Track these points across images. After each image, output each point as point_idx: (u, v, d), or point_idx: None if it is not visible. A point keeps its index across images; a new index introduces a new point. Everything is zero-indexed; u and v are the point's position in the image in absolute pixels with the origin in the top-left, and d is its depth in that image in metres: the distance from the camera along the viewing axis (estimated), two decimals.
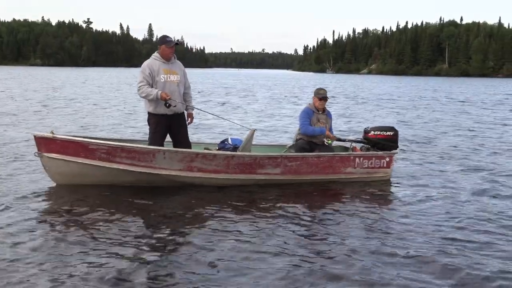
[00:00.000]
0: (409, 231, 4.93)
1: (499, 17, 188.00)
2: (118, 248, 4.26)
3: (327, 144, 7.20)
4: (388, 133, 7.25)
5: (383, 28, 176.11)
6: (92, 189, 6.03)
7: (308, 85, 48.33)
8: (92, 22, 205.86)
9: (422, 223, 5.18)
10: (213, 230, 4.78)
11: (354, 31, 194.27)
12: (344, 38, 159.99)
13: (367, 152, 7.12)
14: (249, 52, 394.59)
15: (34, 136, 6.01)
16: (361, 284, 3.71)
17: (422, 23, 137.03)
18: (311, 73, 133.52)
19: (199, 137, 10.50)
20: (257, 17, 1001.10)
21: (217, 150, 6.78)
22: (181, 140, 6.49)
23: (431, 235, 4.81)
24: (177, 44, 6.38)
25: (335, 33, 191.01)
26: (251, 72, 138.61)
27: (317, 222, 5.20)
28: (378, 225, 5.11)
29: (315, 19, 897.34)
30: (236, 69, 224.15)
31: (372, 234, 4.81)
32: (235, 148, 6.81)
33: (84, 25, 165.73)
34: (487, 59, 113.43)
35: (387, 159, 7.09)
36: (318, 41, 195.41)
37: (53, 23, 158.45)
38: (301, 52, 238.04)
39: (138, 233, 4.65)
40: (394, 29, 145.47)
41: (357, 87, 45.77)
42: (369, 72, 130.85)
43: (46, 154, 5.93)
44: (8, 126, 11.75)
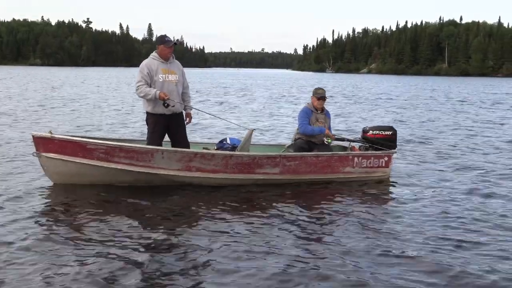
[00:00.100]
0: (407, 231, 4.93)
1: (499, 17, 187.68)
2: (113, 248, 4.25)
3: (327, 143, 7.20)
4: (387, 132, 7.25)
5: (383, 27, 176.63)
6: (90, 189, 6.02)
7: (306, 84, 48.32)
8: (91, 22, 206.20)
9: (420, 223, 5.17)
10: (211, 230, 4.77)
11: (353, 30, 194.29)
12: (343, 37, 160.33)
13: (366, 152, 7.12)
14: (248, 51, 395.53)
15: (33, 136, 6.00)
16: (356, 284, 3.70)
17: (421, 22, 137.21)
18: (311, 73, 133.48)
19: (198, 137, 10.49)
20: (256, 17, 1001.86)
21: (216, 149, 6.78)
22: (179, 140, 6.49)
23: (430, 235, 4.80)
24: (175, 44, 6.38)
25: (334, 32, 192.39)
26: (250, 72, 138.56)
27: (315, 221, 5.20)
28: (377, 225, 5.10)
29: (314, 19, 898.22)
30: (236, 69, 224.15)
31: (370, 234, 4.81)
32: (233, 147, 6.80)
33: (83, 25, 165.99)
34: (487, 59, 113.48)
35: (386, 158, 7.09)
36: (317, 40, 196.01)
37: (53, 23, 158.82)
38: (300, 52, 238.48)
39: (134, 233, 4.64)
40: (393, 28, 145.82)
41: (355, 86, 45.77)
42: (369, 72, 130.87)
43: (44, 154, 5.92)
44: (6, 126, 11.74)
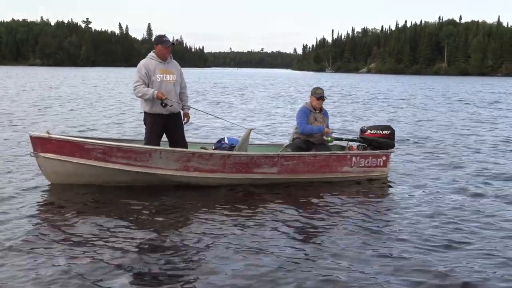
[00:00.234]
0: (404, 231, 4.92)
1: (498, 16, 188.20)
2: (105, 248, 4.23)
3: (326, 140, 7.20)
4: (385, 132, 7.24)
5: (382, 27, 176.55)
6: (87, 188, 6.01)
7: (305, 84, 48.26)
8: (91, 22, 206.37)
9: (418, 224, 5.17)
10: (207, 231, 4.77)
11: (353, 30, 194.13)
12: (343, 37, 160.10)
13: (364, 151, 7.12)
14: (248, 51, 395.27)
15: (30, 136, 5.99)
16: (351, 284, 3.69)
17: (421, 22, 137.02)
18: (311, 72, 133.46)
19: (196, 136, 10.48)
20: (256, 17, 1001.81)
21: (214, 149, 6.78)
22: (177, 139, 6.48)
23: (427, 236, 4.79)
24: (173, 44, 6.38)
25: (334, 32, 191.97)
26: (249, 72, 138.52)
27: (313, 221, 5.19)
28: (374, 225, 5.10)
29: (314, 18, 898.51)
30: (235, 69, 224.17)
31: (367, 234, 4.80)
32: (231, 147, 6.80)
33: (83, 25, 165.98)
34: (486, 58, 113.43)
35: (384, 158, 7.09)
36: (317, 40, 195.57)
37: (52, 23, 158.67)
38: (300, 51, 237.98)
39: (128, 233, 4.62)
40: (393, 28, 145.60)
41: (354, 86, 45.72)
42: (368, 71, 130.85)
43: (41, 154, 5.91)
44: (3, 126, 11.70)
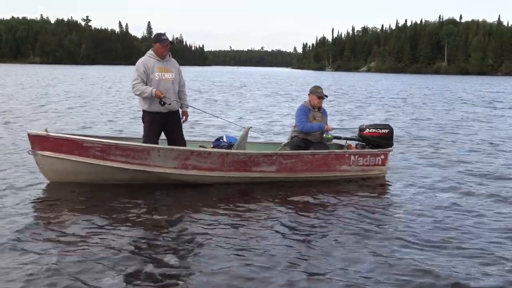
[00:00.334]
0: (401, 230, 4.92)
1: (498, 15, 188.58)
2: (97, 247, 4.22)
3: (327, 138, 7.20)
4: (383, 130, 7.24)
5: (382, 26, 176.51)
6: (84, 187, 6.01)
7: (304, 82, 48.20)
8: (91, 20, 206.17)
9: (414, 222, 5.17)
10: (203, 229, 4.77)
11: (353, 29, 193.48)
12: (343, 36, 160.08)
13: (362, 150, 7.12)
14: (248, 50, 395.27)
15: (28, 134, 5.98)
16: (344, 283, 3.70)
17: (421, 21, 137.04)
18: (310, 71, 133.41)
19: (194, 135, 10.47)
20: (256, 15, 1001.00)
21: (212, 148, 6.78)
22: (175, 138, 6.48)
23: (423, 234, 4.79)
24: (171, 43, 6.37)
25: (334, 31, 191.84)
26: (249, 70, 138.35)
27: (309, 220, 5.19)
28: (370, 224, 5.10)
29: (314, 17, 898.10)
30: (235, 67, 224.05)
31: (363, 233, 4.80)
32: (230, 145, 6.80)
33: (83, 23, 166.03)
34: (486, 57, 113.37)
35: (382, 156, 7.09)
36: (317, 39, 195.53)
37: (52, 21, 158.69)
38: (300, 50, 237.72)
39: (123, 231, 4.62)
40: (393, 27, 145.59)
41: (353, 85, 45.68)
42: (368, 70, 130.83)
43: (40, 152, 5.91)
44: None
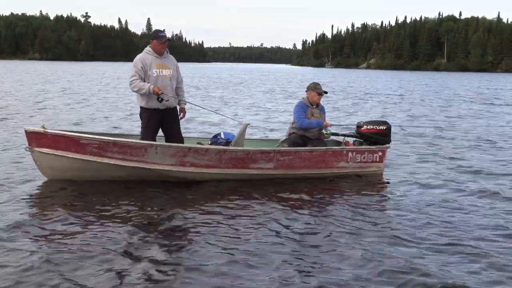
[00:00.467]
0: (396, 227, 4.93)
1: (498, 12, 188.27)
2: (89, 246, 4.20)
3: (326, 134, 7.20)
4: (381, 127, 7.23)
5: (382, 22, 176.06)
6: (83, 184, 6.01)
7: (304, 79, 48.11)
8: (90, 16, 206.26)
9: (412, 219, 5.18)
10: (205, 226, 4.77)
11: (353, 25, 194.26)
12: (343, 32, 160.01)
13: (360, 147, 7.12)
14: (247, 46, 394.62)
15: (25, 131, 5.97)
16: (339, 281, 3.70)
17: (421, 18, 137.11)
18: (310, 68, 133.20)
19: (192, 131, 10.46)
20: (255, 12, 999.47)
21: (210, 144, 6.78)
22: (173, 134, 6.48)
23: (418, 232, 4.79)
24: (169, 40, 6.36)
25: (333, 27, 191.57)
26: (248, 67, 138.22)
27: (308, 216, 5.20)
28: (369, 220, 5.11)
29: (314, 14, 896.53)
30: (235, 64, 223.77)
31: (359, 230, 4.80)
32: (227, 142, 6.80)
33: (82, 19, 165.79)
34: (486, 54, 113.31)
35: (380, 153, 7.08)
36: (316, 35, 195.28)
37: (51, 17, 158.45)
38: (299, 47, 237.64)
39: (118, 228, 4.60)
40: (393, 23, 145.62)
41: (352, 82, 45.64)
42: (368, 67, 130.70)
43: (37, 149, 5.90)
44: None
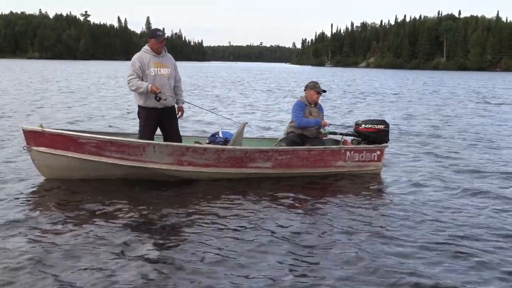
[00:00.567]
0: (399, 225, 4.94)
1: (497, 11, 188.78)
2: (83, 244, 4.22)
3: (324, 133, 7.19)
4: (379, 126, 7.23)
5: (381, 21, 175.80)
6: (81, 182, 6.01)
7: (303, 78, 48.12)
8: (89, 15, 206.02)
9: (410, 217, 5.18)
10: (204, 225, 4.78)
11: (352, 24, 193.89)
12: (342, 31, 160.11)
13: (358, 146, 7.11)
14: (247, 45, 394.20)
15: (23, 130, 5.96)
16: (336, 281, 3.71)
17: (420, 16, 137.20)
18: (309, 67, 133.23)
19: (190, 130, 10.44)
20: (255, 11, 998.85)
21: (208, 143, 6.77)
22: (171, 133, 6.48)
23: (419, 230, 4.81)
24: (167, 39, 6.35)
25: (333, 26, 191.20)
26: (247, 66, 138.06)
27: (304, 216, 5.20)
28: (364, 220, 5.11)
29: (313, 13, 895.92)
30: (234, 63, 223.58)
31: (357, 230, 4.80)
32: (225, 141, 6.80)
33: (81, 18, 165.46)
34: (485, 53, 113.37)
35: (378, 152, 7.08)
36: (316, 34, 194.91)
37: (51, 16, 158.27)
38: (299, 46, 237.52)
39: (112, 227, 4.61)
40: (392, 22, 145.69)
41: (352, 80, 45.65)
42: (367, 66, 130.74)
43: (35, 148, 5.90)
44: None
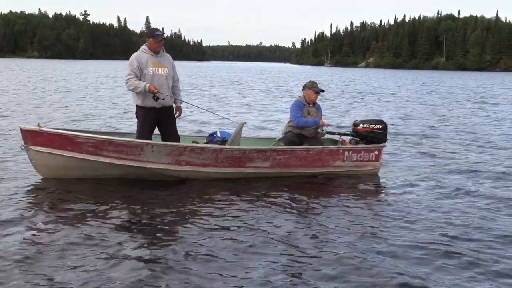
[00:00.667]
0: (395, 225, 4.94)
1: (497, 11, 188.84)
2: (98, 244, 4.23)
3: (321, 133, 7.19)
4: (377, 126, 7.23)
5: (381, 21, 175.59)
6: (78, 182, 6.00)
7: (301, 78, 48.07)
8: (89, 15, 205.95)
9: (408, 217, 5.18)
10: (200, 225, 4.77)
11: (351, 24, 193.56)
12: (341, 31, 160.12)
13: (356, 146, 7.11)
14: (246, 45, 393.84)
15: (21, 129, 5.95)
16: (328, 281, 3.70)
17: (419, 16, 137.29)
18: (309, 67, 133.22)
19: (188, 130, 10.44)
20: (254, 10, 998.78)
21: (206, 143, 6.77)
22: (169, 133, 6.47)
23: (418, 229, 4.81)
24: (165, 39, 6.34)
25: (332, 26, 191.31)
26: (247, 65, 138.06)
27: (301, 216, 5.21)
28: (365, 219, 5.11)
29: (313, 12, 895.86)
30: (233, 62, 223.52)
31: (354, 229, 4.80)
32: (223, 141, 6.79)
33: (81, 18, 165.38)
34: (484, 53, 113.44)
35: (376, 152, 7.08)
36: (315, 34, 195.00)
37: (50, 15, 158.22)
38: (298, 45, 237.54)
39: (117, 228, 4.59)
40: (391, 22, 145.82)
41: (351, 80, 45.65)
42: (367, 66, 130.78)
43: (32, 147, 5.89)
44: None
